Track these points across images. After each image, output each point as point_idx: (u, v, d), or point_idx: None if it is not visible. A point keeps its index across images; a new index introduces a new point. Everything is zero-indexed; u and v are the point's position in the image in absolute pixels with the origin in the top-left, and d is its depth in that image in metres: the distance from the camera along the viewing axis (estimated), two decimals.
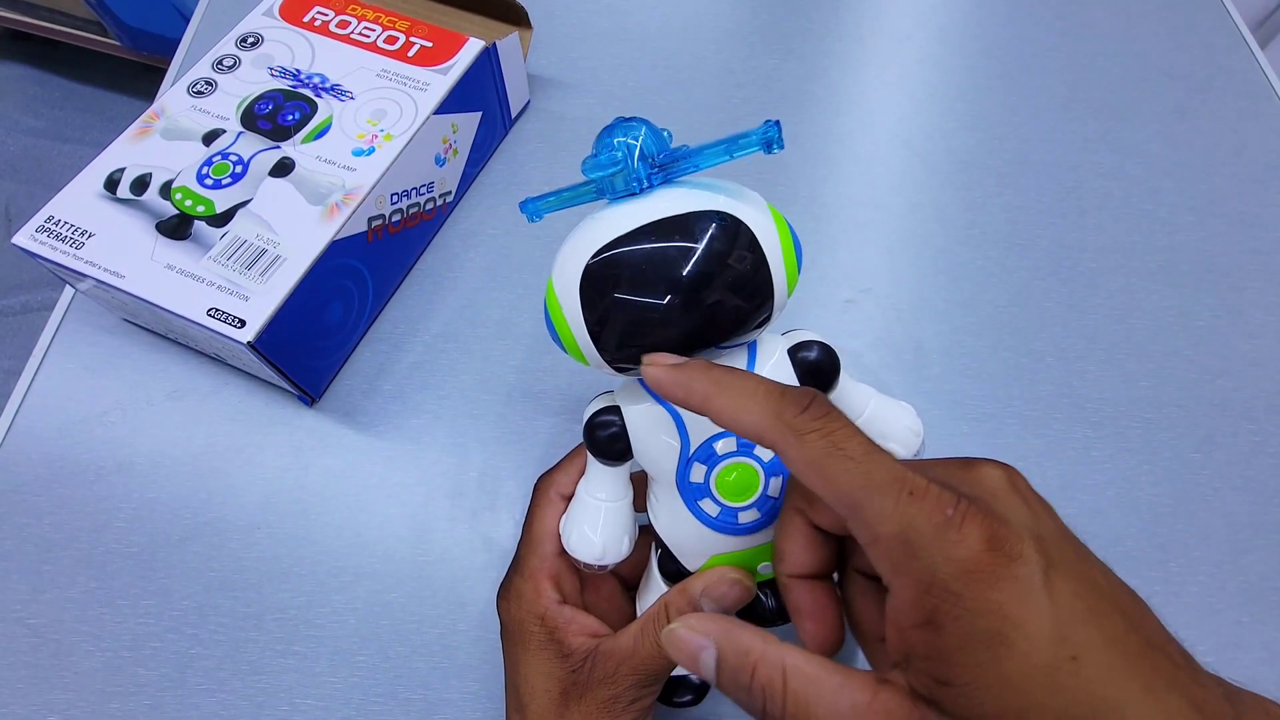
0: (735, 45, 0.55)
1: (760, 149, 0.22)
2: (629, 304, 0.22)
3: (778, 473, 0.24)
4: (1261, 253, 0.47)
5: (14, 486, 0.38)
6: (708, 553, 0.26)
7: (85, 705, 0.33)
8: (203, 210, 0.37)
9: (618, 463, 0.26)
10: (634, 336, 0.22)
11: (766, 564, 0.26)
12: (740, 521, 0.25)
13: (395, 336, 0.42)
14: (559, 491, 0.29)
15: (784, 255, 0.23)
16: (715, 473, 0.24)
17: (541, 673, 0.27)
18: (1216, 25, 0.58)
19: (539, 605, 0.28)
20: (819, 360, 0.25)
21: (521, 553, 0.29)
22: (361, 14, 0.44)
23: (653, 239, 0.22)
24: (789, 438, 0.19)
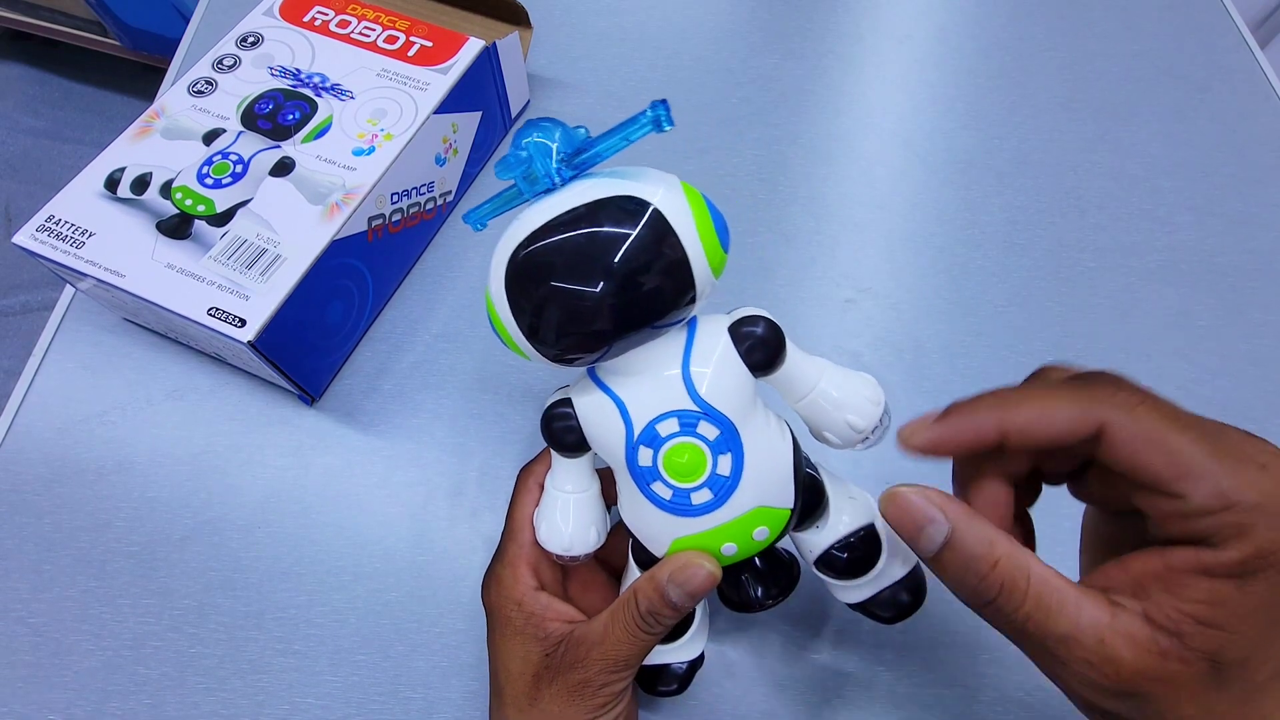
0: (735, 45, 0.55)
1: (651, 128, 0.23)
2: (548, 294, 0.22)
3: (724, 450, 0.24)
4: (1261, 253, 0.47)
5: (14, 486, 0.38)
6: (668, 537, 0.25)
7: (85, 704, 0.33)
8: (203, 210, 0.37)
9: (576, 454, 0.27)
10: (558, 326, 0.22)
11: (730, 545, 0.25)
12: (694, 503, 0.25)
13: (395, 336, 0.42)
14: (537, 481, 0.30)
15: (699, 231, 0.22)
16: (661, 455, 0.24)
17: (517, 657, 0.28)
18: (1216, 25, 0.58)
19: (516, 591, 0.28)
20: (760, 334, 0.25)
21: (503, 541, 0.30)
22: (361, 13, 0.44)
23: (562, 230, 0.22)
24: (1121, 417, 0.19)
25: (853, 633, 0.35)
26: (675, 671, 0.30)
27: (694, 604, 0.25)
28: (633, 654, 0.26)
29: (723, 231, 0.24)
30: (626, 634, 0.26)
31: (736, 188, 0.48)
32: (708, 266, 0.23)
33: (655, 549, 0.26)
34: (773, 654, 0.35)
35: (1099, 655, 0.18)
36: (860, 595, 0.28)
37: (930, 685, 0.34)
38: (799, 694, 0.34)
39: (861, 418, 0.26)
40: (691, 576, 0.25)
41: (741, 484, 0.24)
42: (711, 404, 0.24)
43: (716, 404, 0.24)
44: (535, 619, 0.28)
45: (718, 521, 0.25)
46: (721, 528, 0.25)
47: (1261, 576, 0.17)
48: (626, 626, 0.26)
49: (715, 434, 0.24)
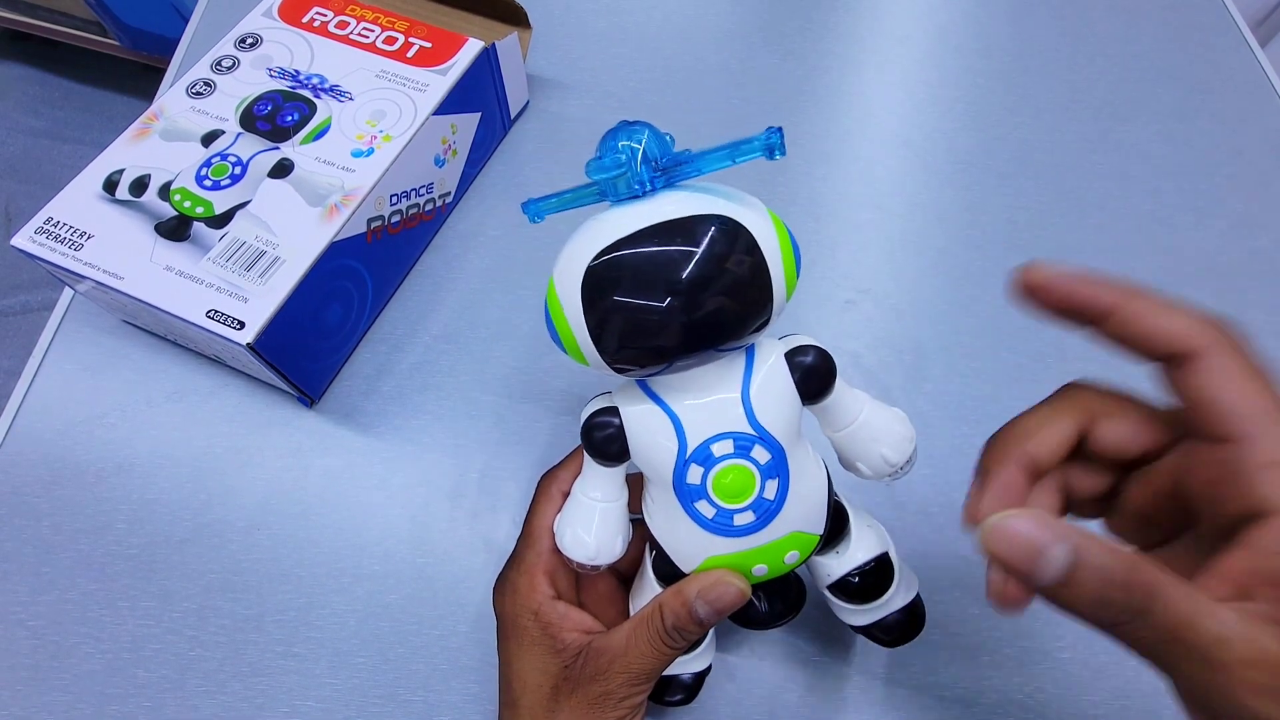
0: (735, 45, 0.55)
1: (763, 154, 0.22)
2: (629, 306, 0.22)
3: (773, 475, 0.24)
4: (1262, 253, 0.47)
5: (14, 488, 0.38)
6: (702, 555, 0.26)
7: (85, 707, 0.33)
8: (202, 211, 0.37)
9: (614, 463, 0.26)
10: (634, 338, 0.22)
11: (761, 566, 0.26)
12: (735, 524, 0.25)
13: (395, 337, 0.42)
14: (560, 488, 0.29)
15: (783, 259, 0.23)
16: (712, 475, 0.24)
17: (534, 668, 0.27)
18: (1216, 25, 0.58)
19: (533, 600, 0.28)
20: (815, 364, 0.25)
21: (519, 548, 0.30)
22: (360, 14, 0.44)
23: (654, 241, 0.22)
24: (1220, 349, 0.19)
25: (853, 635, 0.35)
26: (683, 682, 0.30)
27: (719, 621, 0.25)
28: (655, 667, 0.26)
29: (799, 259, 0.24)
30: (650, 648, 0.25)
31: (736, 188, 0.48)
32: (785, 292, 0.23)
33: (685, 565, 0.26)
34: (773, 656, 0.35)
35: (1258, 651, 0.16)
36: (866, 619, 0.29)
37: (931, 687, 0.34)
38: (799, 695, 0.34)
39: (896, 452, 0.26)
40: (722, 595, 0.25)
41: (785, 509, 0.25)
42: (767, 429, 0.24)
43: (771, 429, 0.24)
44: (552, 629, 0.27)
45: (755, 544, 0.25)
46: (758, 549, 0.25)
47: None
48: (651, 640, 0.25)
49: (767, 459, 0.24)
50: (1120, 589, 0.17)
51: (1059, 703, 0.34)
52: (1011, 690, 0.34)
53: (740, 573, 0.25)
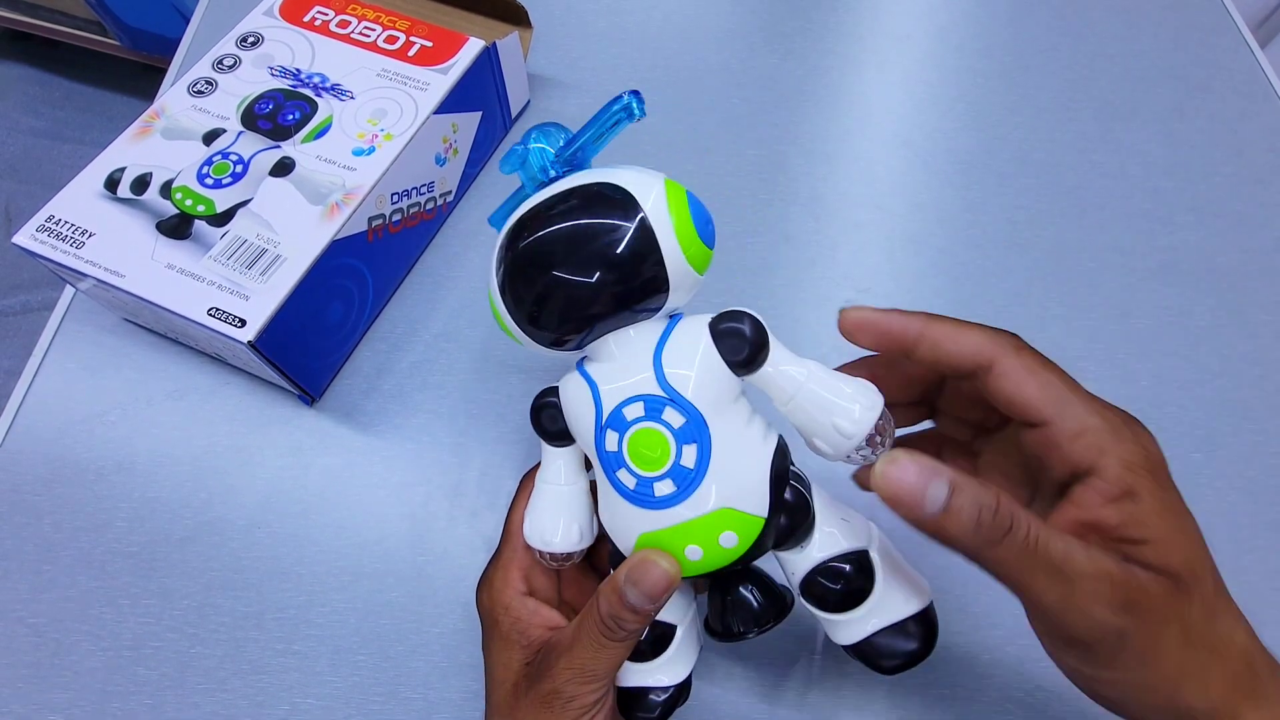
0: (735, 45, 0.55)
1: (624, 115, 0.24)
2: (526, 276, 0.24)
3: (689, 440, 0.23)
4: (1261, 252, 0.47)
5: (14, 486, 0.38)
6: (633, 532, 0.24)
7: (85, 704, 0.33)
8: (203, 210, 0.37)
9: (561, 443, 0.27)
10: (538, 304, 0.24)
11: (694, 547, 0.24)
12: (656, 494, 0.24)
13: (395, 336, 0.42)
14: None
15: (674, 217, 0.23)
16: (626, 440, 0.24)
17: (502, 663, 0.27)
18: (1216, 25, 0.58)
19: (505, 595, 0.28)
20: (734, 328, 0.24)
21: (500, 544, 0.30)
22: (361, 14, 0.44)
23: (542, 216, 0.24)
24: (1011, 355, 0.23)
25: None
26: (654, 700, 0.28)
27: (653, 607, 0.24)
28: (599, 663, 0.25)
29: (702, 222, 0.24)
30: (591, 641, 0.24)
31: (736, 188, 0.48)
32: (682, 256, 0.23)
33: (622, 545, 0.25)
34: (772, 655, 0.35)
35: (1097, 568, 0.19)
36: (854, 634, 0.26)
37: (931, 685, 0.34)
38: (799, 694, 0.34)
39: (850, 422, 0.23)
40: (645, 574, 0.23)
41: (707, 479, 0.23)
42: (679, 391, 0.23)
43: (684, 392, 0.23)
44: (520, 624, 0.27)
45: (681, 518, 0.24)
46: (685, 525, 0.24)
47: (1141, 487, 0.20)
48: (590, 633, 0.24)
49: (681, 422, 0.23)
50: (989, 513, 0.19)
51: (1059, 702, 0.34)
52: (1012, 689, 0.34)
53: (673, 554, 0.24)
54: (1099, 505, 0.21)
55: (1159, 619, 0.20)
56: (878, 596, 0.25)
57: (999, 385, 0.23)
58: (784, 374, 0.24)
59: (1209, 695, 0.20)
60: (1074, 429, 0.21)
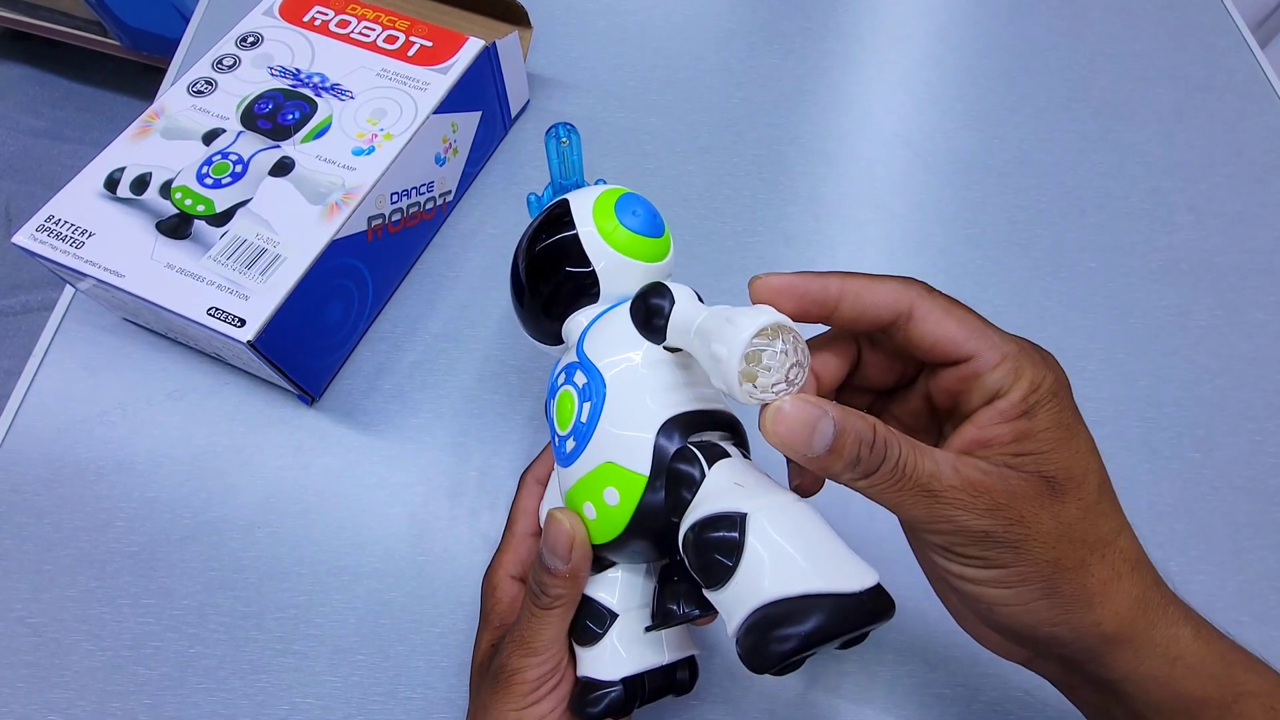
0: (735, 45, 0.55)
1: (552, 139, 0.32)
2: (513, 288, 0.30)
3: (587, 398, 0.25)
4: (1261, 252, 0.47)
5: (14, 486, 0.38)
6: (561, 491, 0.27)
7: (85, 704, 0.33)
8: (203, 209, 0.37)
9: None
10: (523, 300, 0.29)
11: (589, 505, 0.24)
12: (566, 450, 0.26)
13: (395, 336, 0.42)
14: (535, 477, 0.31)
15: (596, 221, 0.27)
16: (554, 403, 0.27)
17: (477, 644, 0.29)
18: (1216, 25, 0.58)
19: (496, 578, 0.30)
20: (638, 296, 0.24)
21: (503, 536, 0.31)
22: (361, 13, 0.44)
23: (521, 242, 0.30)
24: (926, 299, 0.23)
25: None
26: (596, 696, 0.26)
27: (566, 567, 0.25)
28: (534, 634, 0.26)
29: (627, 211, 0.28)
30: (526, 611, 0.26)
31: (736, 188, 0.48)
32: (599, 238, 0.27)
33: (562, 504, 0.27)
34: None
35: (963, 479, 0.21)
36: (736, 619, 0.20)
37: (930, 685, 0.34)
38: (798, 694, 0.34)
39: (725, 344, 0.20)
40: (551, 533, 0.25)
41: (596, 434, 0.24)
42: (587, 354, 0.26)
43: (591, 355, 0.26)
44: (500, 605, 0.29)
45: (578, 473, 0.25)
46: (581, 481, 0.24)
47: (1041, 406, 0.22)
48: (525, 605, 0.26)
49: (584, 382, 0.25)
50: (866, 447, 0.20)
51: (1059, 701, 0.34)
52: (1011, 688, 0.34)
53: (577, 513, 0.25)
54: (994, 423, 0.23)
55: (1027, 516, 0.21)
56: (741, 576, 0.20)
57: (920, 330, 0.23)
58: (682, 324, 0.22)
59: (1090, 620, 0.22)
60: (995, 358, 0.23)
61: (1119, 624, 0.22)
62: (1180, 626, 0.23)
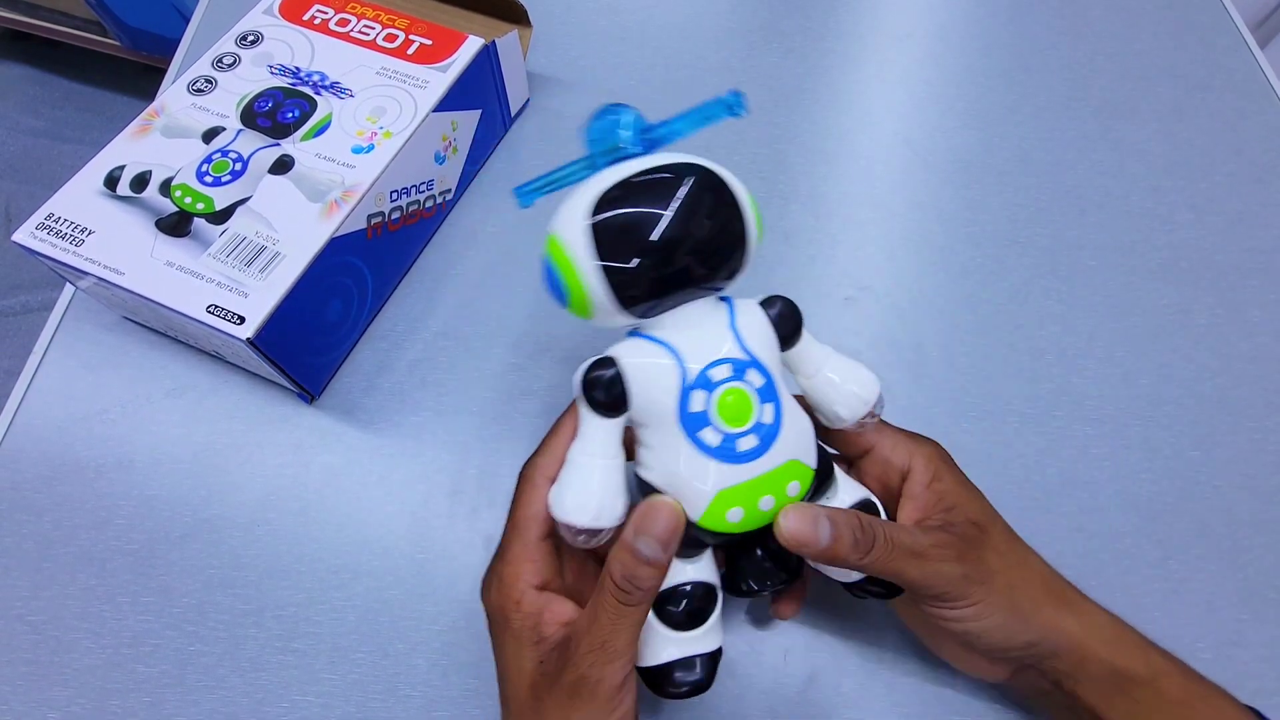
0: (735, 44, 0.55)
1: (726, 113, 0.27)
2: (637, 229, 0.24)
3: (768, 399, 0.26)
4: (1261, 251, 0.47)
5: (14, 484, 0.38)
6: (711, 490, 0.25)
7: (85, 702, 0.33)
8: (202, 207, 0.37)
9: (614, 414, 0.26)
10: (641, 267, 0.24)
11: (768, 497, 0.26)
12: (740, 449, 0.25)
13: (395, 334, 0.42)
14: (544, 475, 0.28)
15: (750, 204, 0.26)
16: (714, 398, 0.25)
17: (515, 663, 0.27)
18: (1216, 25, 0.58)
19: (516, 590, 0.27)
20: (787, 309, 0.28)
21: (505, 539, 0.29)
22: (361, 12, 0.44)
23: (647, 184, 0.25)
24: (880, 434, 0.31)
25: (852, 630, 0.35)
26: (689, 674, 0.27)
27: (666, 556, 0.24)
28: (619, 636, 0.24)
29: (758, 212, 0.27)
30: (610, 611, 0.24)
31: None
32: (757, 242, 0.26)
33: (696, 504, 0.26)
34: (772, 652, 0.35)
35: (932, 539, 0.28)
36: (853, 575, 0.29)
37: (930, 683, 0.34)
38: (798, 692, 0.34)
39: (865, 389, 0.29)
40: (655, 518, 0.24)
41: (781, 434, 0.26)
42: (756, 356, 0.26)
43: (760, 357, 0.26)
44: (532, 619, 0.27)
45: (760, 471, 0.26)
46: (762, 478, 0.26)
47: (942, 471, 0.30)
48: (607, 605, 0.24)
49: (762, 382, 0.26)
50: (858, 531, 0.26)
51: None
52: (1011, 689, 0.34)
53: (748, 508, 0.25)
54: (921, 493, 0.30)
55: (979, 553, 0.28)
56: None
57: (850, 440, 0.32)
58: (811, 349, 0.29)
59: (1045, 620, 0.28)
60: (890, 445, 0.31)
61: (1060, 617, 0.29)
62: (1098, 614, 0.29)
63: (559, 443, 0.29)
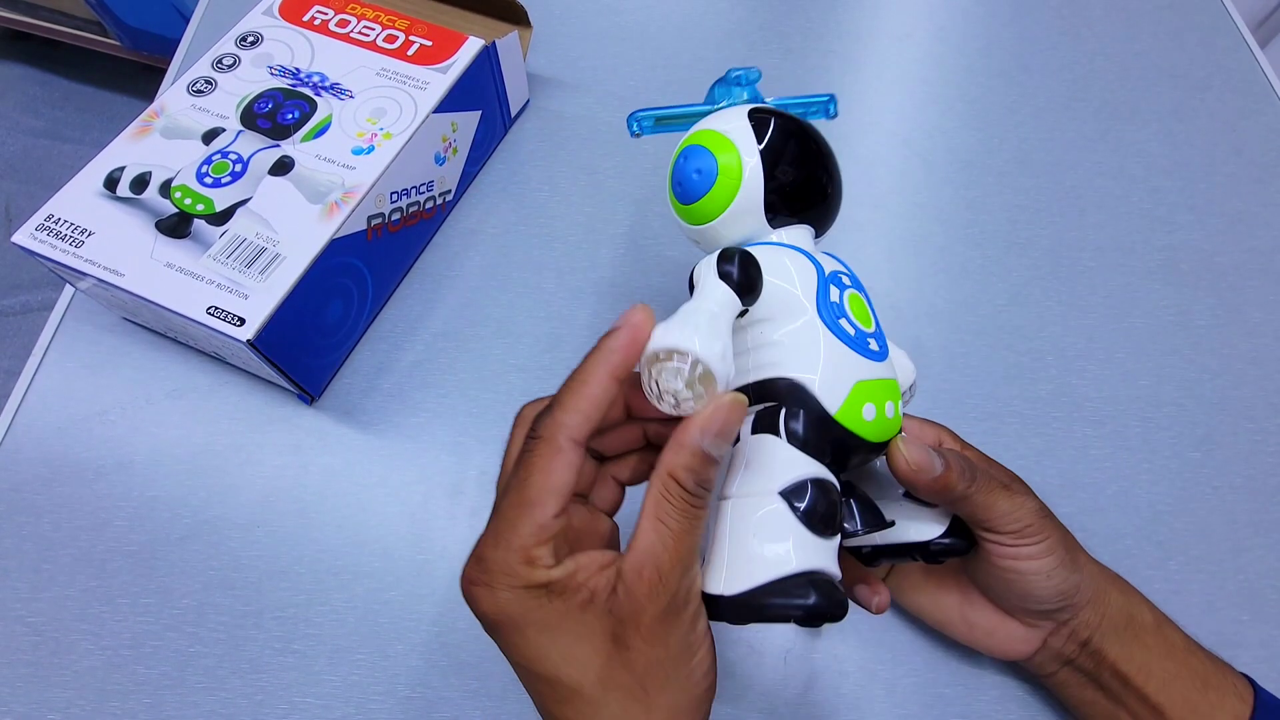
0: (735, 44, 0.55)
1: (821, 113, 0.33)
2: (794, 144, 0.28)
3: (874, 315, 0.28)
4: (1260, 251, 0.47)
5: (14, 485, 0.38)
6: (850, 377, 0.25)
7: (85, 703, 0.33)
8: (202, 209, 0.37)
9: (745, 295, 0.24)
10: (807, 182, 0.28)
11: (891, 404, 0.26)
12: (870, 348, 0.26)
13: (395, 335, 0.42)
14: (571, 437, 0.22)
15: None
16: (846, 296, 0.26)
17: (577, 642, 0.22)
18: (1216, 25, 0.58)
19: (533, 575, 0.22)
20: None
21: (507, 517, 0.23)
22: (361, 13, 0.44)
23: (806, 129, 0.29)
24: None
25: (852, 631, 0.35)
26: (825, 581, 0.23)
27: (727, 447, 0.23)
28: (694, 544, 0.22)
29: None
30: (682, 522, 0.22)
31: None
32: None
33: (832, 393, 0.24)
34: (772, 653, 0.35)
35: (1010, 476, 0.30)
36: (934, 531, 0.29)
37: (931, 684, 0.34)
38: (798, 693, 0.34)
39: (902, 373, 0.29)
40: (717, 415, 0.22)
41: (889, 348, 0.27)
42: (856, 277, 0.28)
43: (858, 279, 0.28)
44: (571, 591, 0.22)
45: (885, 373, 0.26)
46: (888, 381, 0.26)
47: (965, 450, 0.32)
48: (677, 514, 0.22)
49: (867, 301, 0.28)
50: (964, 462, 0.28)
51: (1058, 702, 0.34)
52: (1011, 687, 0.34)
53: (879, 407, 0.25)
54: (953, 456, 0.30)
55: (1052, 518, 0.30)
56: None
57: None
58: None
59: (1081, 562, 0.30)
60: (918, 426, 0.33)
61: (1087, 562, 0.31)
62: (1098, 563, 0.32)
63: (589, 395, 0.23)
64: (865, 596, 0.30)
